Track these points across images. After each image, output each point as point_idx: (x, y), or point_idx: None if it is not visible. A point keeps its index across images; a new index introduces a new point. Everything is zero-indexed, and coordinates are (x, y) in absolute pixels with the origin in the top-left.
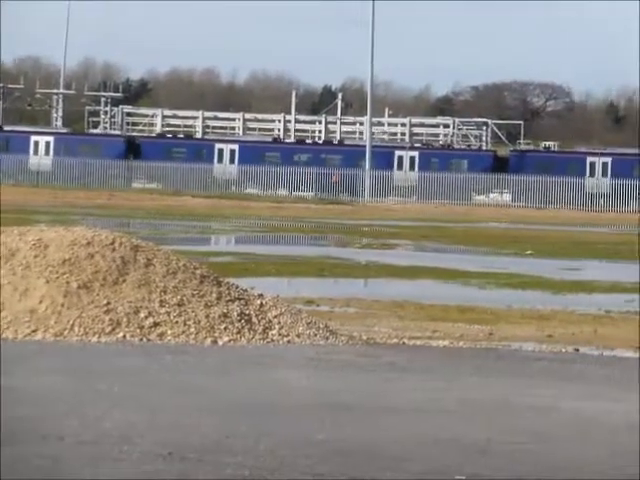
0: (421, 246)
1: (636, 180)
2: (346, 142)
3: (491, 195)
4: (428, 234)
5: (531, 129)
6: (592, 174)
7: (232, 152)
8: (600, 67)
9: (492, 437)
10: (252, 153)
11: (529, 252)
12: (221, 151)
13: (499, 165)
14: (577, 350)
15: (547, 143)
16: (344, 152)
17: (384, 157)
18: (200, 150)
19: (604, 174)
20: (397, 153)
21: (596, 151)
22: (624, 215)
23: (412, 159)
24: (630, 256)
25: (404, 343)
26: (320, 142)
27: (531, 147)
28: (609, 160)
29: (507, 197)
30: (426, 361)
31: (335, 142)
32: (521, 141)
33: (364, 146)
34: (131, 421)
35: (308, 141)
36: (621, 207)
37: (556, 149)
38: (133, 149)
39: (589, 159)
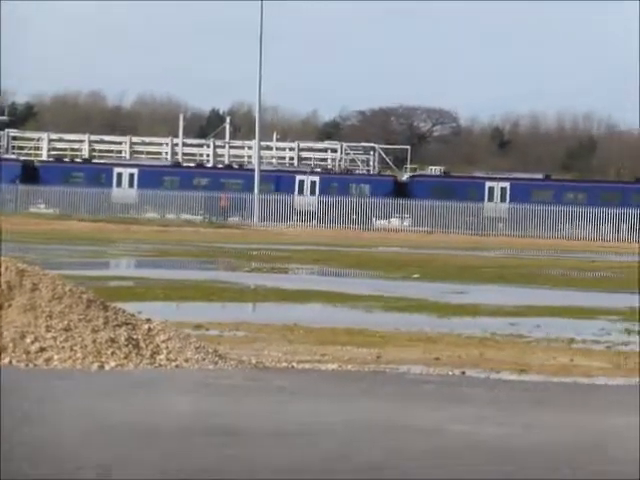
0: (312, 270)
1: (534, 205)
2: (248, 167)
3: (392, 220)
4: (319, 258)
5: (418, 154)
6: (491, 199)
7: (131, 176)
8: (485, 93)
9: (380, 460)
10: (151, 177)
11: (416, 276)
12: (120, 175)
13: (399, 190)
14: (463, 373)
15: (435, 168)
16: (244, 176)
17: (285, 181)
18: (99, 174)
19: (502, 199)
20: (298, 178)
21: (495, 176)
22: (513, 239)
23: (313, 183)
24: (514, 280)
25: (293, 367)
26: (220, 166)
27: (431, 172)
28: (507, 185)
29: (407, 222)
30: (315, 385)
31: (235, 166)
32: (408, 166)
33: (265, 170)
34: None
35: (208, 165)
36: (518, 232)
37: (442, 173)
38: (30, 173)
39: (488, 184)
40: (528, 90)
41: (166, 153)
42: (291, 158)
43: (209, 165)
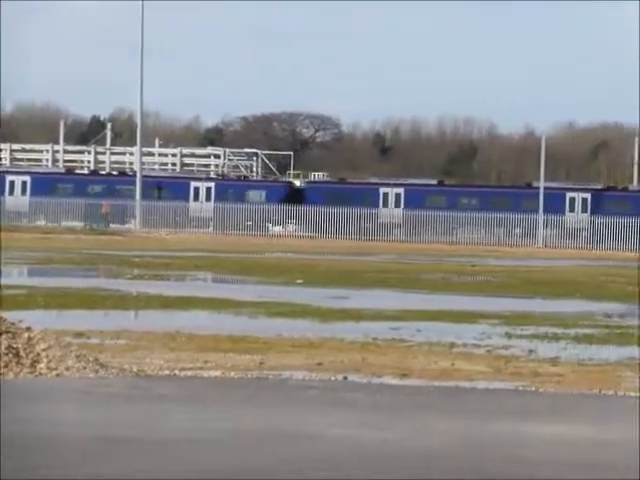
0: (194, 276)
1: (428, 210)
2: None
3: (289, 226)
4: (202, 264)
5: (301, 159)
6: (385, 204)
7: (24, 184)
8: (367, 99)
9: (266, 466)
10: (44, 184)
11: (299, 281)
12: (12, 183)
13: (295, 196)
14: (346, 378)
15: (318, 173)
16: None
17: (180, 188)
18: None
19: (397, 204)
20: (193, 184)
21: (389, 182)
22: (394, 244)
23: (208, 190)
24: (396, 284)
25: (175, 374)
26: (115, 173)
27: (327, 178)
28: (402, 191)
29: (302, 228)
30: (198, 392)
31: (130, 173)
32: (291, 171)
33: (159, 177)
34: None
35: (102, 172)
36: (413, 237)
37: (326, 179)
38: None
39: (382, 190)
40: (409, 95)
41: (47, 160)
42: (174, 164)
43: (104, 172)
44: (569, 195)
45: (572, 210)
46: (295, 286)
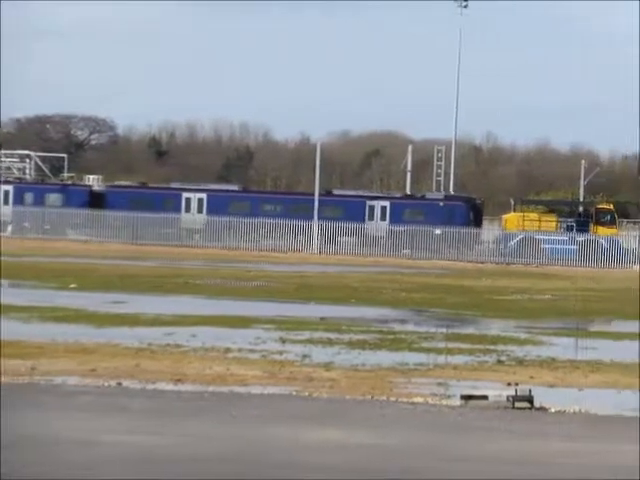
0: None
1: (231, 216)
2: None
3: (86, 231)
4: None
5: (76, 162)
6: (188, 210)
7: None
8: (143, 102)
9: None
10: None
11: (73, 285)
12: None
13: (96, 200)
14: (120, 384)
15: (92, 176)
16: None
17: None
18: None
19: (200, 210)
20: None
21: (191, 187)
22: (170, 249)
23: (6, 193)
24: (172, 289)
25: None
26: None
27: (128, 182)
28: (204, 196)
29: (103, 233)
30: None
31: None
32: (65, 174)
33: None
34: None
35: None
36: (215, 242)
37: (100, 182)
38: None
39: (184, 195)
40: (185, 99)
41: None
42: None
43: None
44: (369, 203)
45: (372, 218)
46: (69, 290)
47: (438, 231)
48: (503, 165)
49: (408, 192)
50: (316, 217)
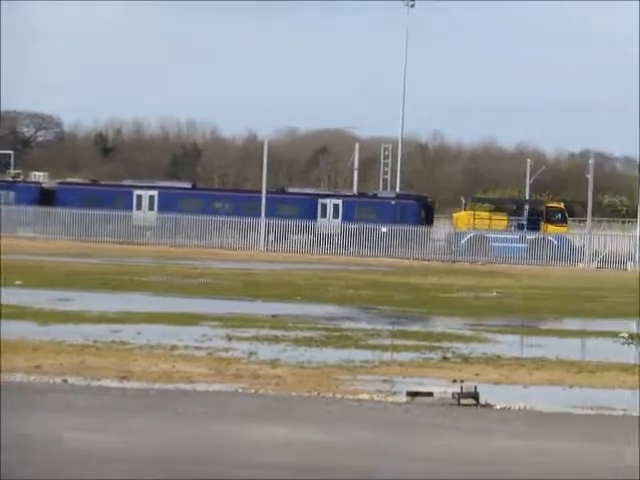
0: None
1: (182, 214)
2: None
3: (35, 228)
4: None
5: (22, 159)
6: (139, 207)
7: None
8: (89, 99)
9: None
10: None
11: (18, 282)
12: None
13: (46, 198)
14: (65, 381)
15: (39, 173)
16: None
17: None
18: None
19: (151, 207)
20: None
21: (144, 184)
22: (113, 246)
23: None
24: (118, 286)
25: None
26: None
27: (79, 180)
28: (155, 193)
29: (54, 230)
30: None
31: None
32: (11, 171)
33: None
34: None
35: None
36: (166, 240)
37: (46, 179)
38: None
39: (136, 192)
40: (131, 96)
41: None
42: None
43: None
44: (321, 201)
45: (324, 216)
46: (14, 287)
47: (384, 229)
48: (449, 163)
49: (356, 190)
50: (263, 215)
